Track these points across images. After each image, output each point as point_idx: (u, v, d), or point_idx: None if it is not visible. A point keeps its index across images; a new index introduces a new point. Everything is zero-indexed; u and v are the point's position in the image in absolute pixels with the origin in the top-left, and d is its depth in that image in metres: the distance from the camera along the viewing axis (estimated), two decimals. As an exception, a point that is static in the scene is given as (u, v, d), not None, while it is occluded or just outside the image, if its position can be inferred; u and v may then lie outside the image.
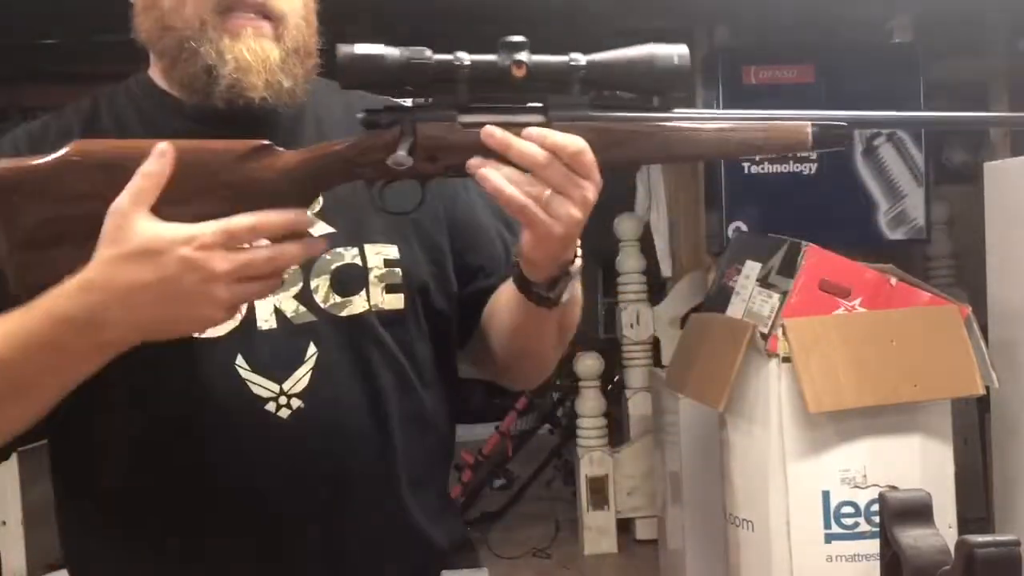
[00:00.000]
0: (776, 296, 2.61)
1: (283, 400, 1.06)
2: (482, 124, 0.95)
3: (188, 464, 1.07)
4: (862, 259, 2.68)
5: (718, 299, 2.87)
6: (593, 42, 1.05)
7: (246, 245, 0.90)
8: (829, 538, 2.52)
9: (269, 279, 0.92)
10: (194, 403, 1.04)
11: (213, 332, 1.03)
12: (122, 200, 0.89)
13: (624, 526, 4.35)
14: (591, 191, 0.96)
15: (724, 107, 3.68)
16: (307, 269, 1.10)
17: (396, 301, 1.12)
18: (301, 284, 1.09)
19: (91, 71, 4.55)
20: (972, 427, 3.69)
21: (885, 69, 3.75)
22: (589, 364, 4.34)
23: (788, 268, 2.60)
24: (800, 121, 1.11)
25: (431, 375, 1.17)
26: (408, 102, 1.00)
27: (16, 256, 0.90)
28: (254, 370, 1.05)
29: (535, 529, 4.48)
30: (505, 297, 1.13)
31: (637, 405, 4.34)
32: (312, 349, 1.07)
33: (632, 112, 1.00)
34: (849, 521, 2.51)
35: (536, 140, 0.93)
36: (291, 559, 1.09)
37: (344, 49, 0.94)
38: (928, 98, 3.74)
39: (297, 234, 0.93)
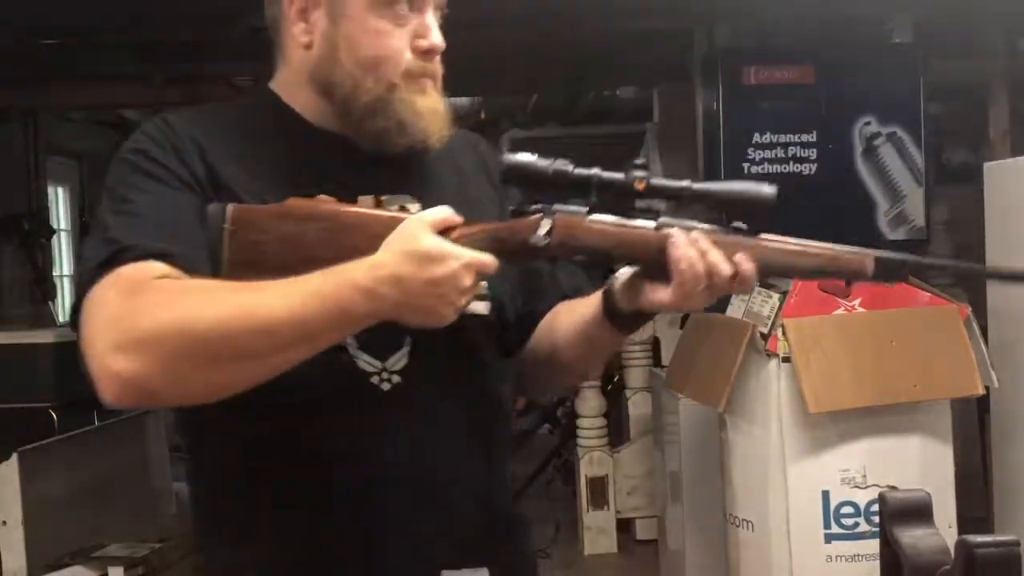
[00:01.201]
0: (776, 296, 2.61)
1: (385, 375, 1.24)
2: (606, 223, 1.18)
3: (301, 423, 1.23)
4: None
5: (718, 299, 2.87)
6: (595, 41, 1.11)
7: None
8: (829, 538, 2.52)
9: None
10: (310, 372, 1.17)
11: None
12: (423, 215, 1.14)
13: (624, 526, 4.35)
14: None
15: (723, 107, 3.69)
16: None
17: (481, 307, 1.30)
18: None
19: (91, 71, 4.57)
20: (972, 427, 3.69)
21: (885, 69, 3.76)
22: (589, 364, 4.34)
23: (788, 268, 2.60)
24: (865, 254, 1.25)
25: (500, 371, 1.36)
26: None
27: (228, 272, 1.16)
28: (361, 348, 1.23)
29: (535, 529, 4.48)
30: (582, 317, 1.32)
31: (637, 405, 4.35)
32: (408, 338, 1.25)
33: (727, 229, 1.21)
34: (849, 521, 2.51)
35: (738, 260, 1.18)
36: (385, 515, 1.25)
37: (509, 156, 1.18)
38: (928, 98, 3.75)
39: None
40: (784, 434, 2.53)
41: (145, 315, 1.08)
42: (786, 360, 2.51)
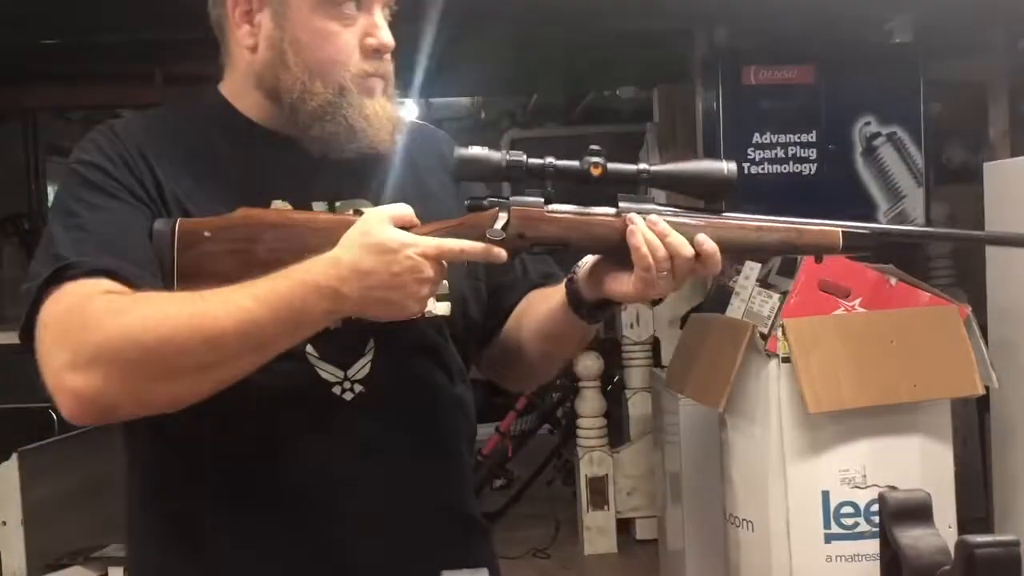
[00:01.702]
0: (776, 296, 2.61)
1: (347, 385, 1.22)
2: (564, 212, 1.17)
3: (262, 435, 1.21)
4: (862, 259, 2.68)
5: (718, 299, 2.88)
6: (595, 41, 1.12)
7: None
8: (829, 538, 2.52)
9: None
10: (270, 383, 1.17)
11: None
12: (382, 209, 1.13)
13: (624, 526, 4.35)
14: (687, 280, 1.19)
15: (724, 107, 3.69)
16: None
17: (444, 308, 1.29)
18: None
19: (91, 71, 4.57)
20: (972, 427, 3.69)
21: (885, 69, 3.76)
22: (589, 364, 4.35)
23: (788, 268, 2.61)
24: (832, 227, 1.22)
25: (464, 371, 1.35)
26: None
27: (179, 287, 1.14)
28: (322, 357, 1.21)
29: (535, 529, 4.48)
30: (548, 308, 1.30)
31: (637, 405, 4.35)
32: (371, 344, 1.23)
33: (687, 210, 1.19)
34: (849, 521, 2.51)
35: (700, 241, 1.15)
36: (351, 524, 1.24)
37: (460, 151, 1.16)
38: (928, 98, 3.75)
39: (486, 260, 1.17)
40: (784, 434, 2.53)
41: (94, 332, 1.06)
42: (786, 360, 2.51)
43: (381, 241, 1.09)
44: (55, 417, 4.33)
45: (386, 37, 1.23)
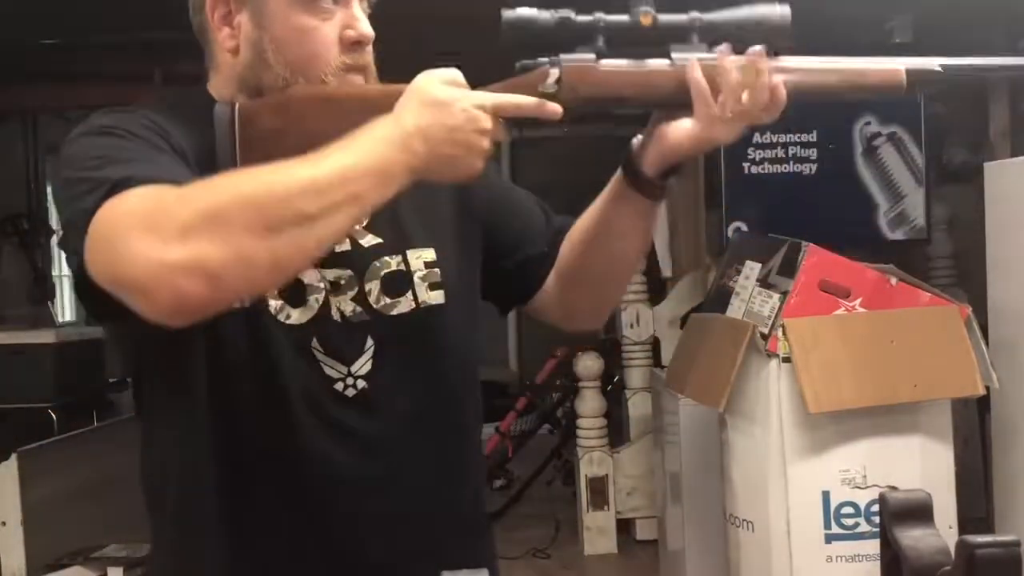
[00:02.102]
0: (776, 296, 2.61)
1: (350, 381, 1.22)
2: (617, 65, 1.15)
3: (267, 433, 1.22)
4: (862, 259, 2.68)
5: (718, 299, 2.87)
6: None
7: None
8: (829, 538, 2.52)
9: None
10: (276, 379, 1.19)
11: (295, 320, 1.21)
12: (436, 72, 1.11)
13: (624, 526, 4.35)
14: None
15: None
16: (361, 275, 1.25)
17: (439, 297, 1.28)
18: (357, 288, 1.25)
19: (91, 71, 4.57)
20: (972, 427, 3.69)
21: (885, 69, 3.75)
22: (589, 364, 4.35)
23: (788, 268, 2.60)
24: (895, 65, 1.18)
25: (466, 360, 1.34)
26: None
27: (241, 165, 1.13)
28: (326, 353, 1.22)
29: (535, 529, 4.48)
30: (594, 209, 1.30)
31: (637, 405, 4.35)
32: (370, 342, 1.23)
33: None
34: (849, 521, 2.51)
35: (766, 79, 1.13)
36: (352, 522, 1.24)
37: (507, 13, 1.13)
38: (928, 98, 3.75)
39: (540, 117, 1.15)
40: (784, 434, 2.52)
41: (182, 206, 1.00)
42: (786, 360, 2.51)
43: (435, 97, 1.09)
44: (55, 417, 4.34)
45: (365, 28, 1.23)
